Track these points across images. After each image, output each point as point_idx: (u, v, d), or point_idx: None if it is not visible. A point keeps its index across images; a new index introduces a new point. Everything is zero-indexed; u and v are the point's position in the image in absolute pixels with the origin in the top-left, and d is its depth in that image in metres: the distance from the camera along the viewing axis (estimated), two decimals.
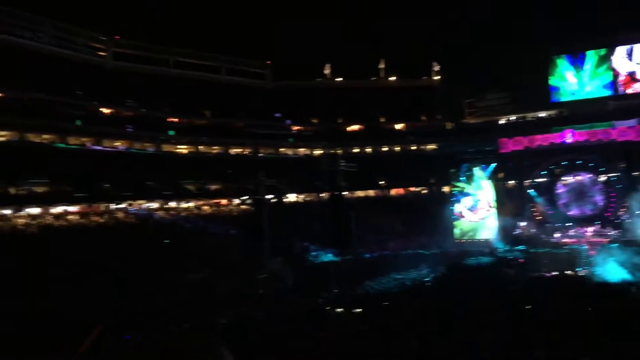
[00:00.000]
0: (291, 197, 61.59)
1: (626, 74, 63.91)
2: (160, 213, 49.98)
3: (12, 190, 41.70)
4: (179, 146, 61.11)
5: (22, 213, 41.29)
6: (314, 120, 71.89)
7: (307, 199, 63.34)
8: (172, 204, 52.75)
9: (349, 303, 23.52)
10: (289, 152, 70.47)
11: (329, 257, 42.07)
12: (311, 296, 26.38)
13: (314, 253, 43.48)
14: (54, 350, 17.28)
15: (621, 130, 49.67)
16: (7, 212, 40.50)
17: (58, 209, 43.88)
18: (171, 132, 60.37)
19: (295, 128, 71.19)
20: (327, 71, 75.54)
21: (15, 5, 51.27)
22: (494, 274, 32.95)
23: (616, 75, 64.34)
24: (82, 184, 45.38)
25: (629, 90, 63.87)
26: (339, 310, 22.66)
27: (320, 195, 60.24)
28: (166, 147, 59.87)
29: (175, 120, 61.89)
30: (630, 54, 63.68)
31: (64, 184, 44.82)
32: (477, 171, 50.39)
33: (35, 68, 50.30)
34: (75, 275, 28.40)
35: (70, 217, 43.96)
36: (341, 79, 75.95)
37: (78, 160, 48.36)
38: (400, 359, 14.87)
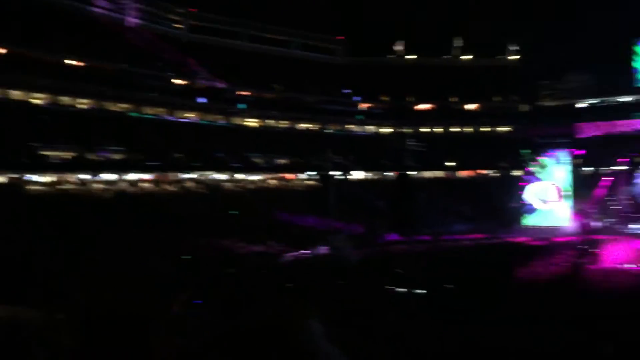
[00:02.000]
0: (358, 175, 61.42)
1: None
2: (228, 185, 50.98)
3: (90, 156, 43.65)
4: (248, 119, 61.95)
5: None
6: (384, 98, 71.07)
7: (374, 177, 62.96)
8: (240, 176, 53.63)
9: (411, 284, 23.22)
10: (357, 129, 70.11)
11: (393, 237, 41.78)
12: (372, 275, 26.24)
13: (378, 232, 43.27)
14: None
15: None
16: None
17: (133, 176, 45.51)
18: (241, 106, 61.13)
19: (365, 105, 70.67)
20: (398, 48, 74.30)
21: None
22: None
23: None
24: (156, 153, 46.88)
25: None
26: (400, 290, 22.42)
27: (387, 174, 59.84)
28: (236, 120, 60.80)
29: (246, 93, 62.60)
30: None
31: (138, 153, 46.40)
32: (551, 156, 48.49)
33: (118, 40, 52.05)
34: (145, 239, 29.46)
35: (144, 184, 45.55)
36: (414, 56, 74.57)
37: (152, 129, 49.97)
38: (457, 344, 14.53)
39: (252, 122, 62.37)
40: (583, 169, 53.75)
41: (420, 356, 14.09)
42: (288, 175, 57.65)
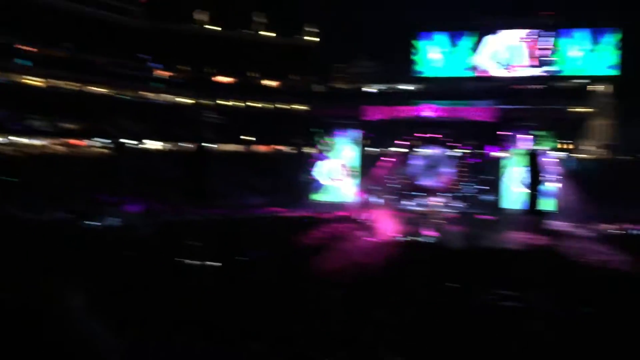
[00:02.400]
0: (153, 145, 59.48)
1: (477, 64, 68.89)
2: (6, 149, 46.11)
3: None
4: (31, 77, 56.23)
5: None
6: (184, 67, 69.52)
7: (171, 148, 61.62)
8: (20, 140, 48.74)
9: (205, 256, 23.37)
10: (155, 97, 67.63)
11: (189, 209, 41.33)
12: (164, 247, 25.85)
13: (173, 204, 42.56)
14: None
15: (475, 109, 53.38)
16: None
17: None
18: (24, 62, 55.23)
19: (163, 73, 68.45)
20: (201, 16, 72.91)
21: None
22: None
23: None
24: None
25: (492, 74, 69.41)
26: (193, 262, 22.47)
27: (185, 145, 58.97)
28: (17, 78, 54.82)
29: (30, 49, 56.66)
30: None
31: None
32: (340, 136, 51.82)
33: None
34: None
35: None
36: (217, 28, 73.81)
37: None
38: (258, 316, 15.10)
39: (36, 81, 56.72)
40: (368, 149, 58.34)
41: (211, 327, 14.37)
42: (76, 141, 53.78)
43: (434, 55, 70.50)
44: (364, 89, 74.51)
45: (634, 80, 72.32)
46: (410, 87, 73.92)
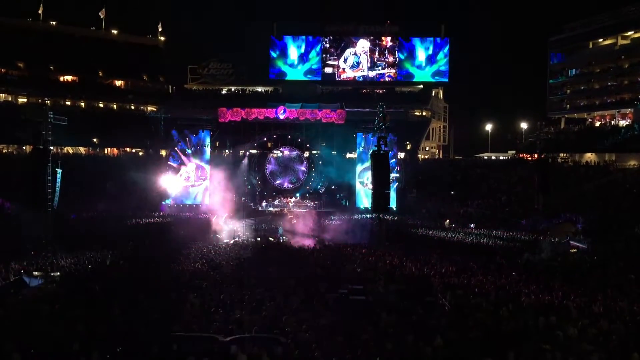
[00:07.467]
0: None
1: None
2: None
3: None
4: None
5: None
6: (20, 64, 64.45)
7: (6, 150, 57.01)
8: None
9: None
10: None
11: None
12: None
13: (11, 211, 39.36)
14: None
15: (325, 112, 55.43)
16: None
17: None
18: None
19: None
20: (40, 11, 68.02)
21: None
22: None
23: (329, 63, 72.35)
24: None
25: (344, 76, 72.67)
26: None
27: (23, 148, 54.90)
28: None
29: None
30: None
31: None
32: (195, 137, 51.07)
33: None
34: None
35: None
36: (56, 23, 69.26)
37: None
38: None
39: None
40: (224, 151, 58.31)
41: None
42: None
43: (288, 59, 72.20)
44: (219, 90, 74.21)
45: (460, 87, 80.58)
46: (265, 89, 74.92)
